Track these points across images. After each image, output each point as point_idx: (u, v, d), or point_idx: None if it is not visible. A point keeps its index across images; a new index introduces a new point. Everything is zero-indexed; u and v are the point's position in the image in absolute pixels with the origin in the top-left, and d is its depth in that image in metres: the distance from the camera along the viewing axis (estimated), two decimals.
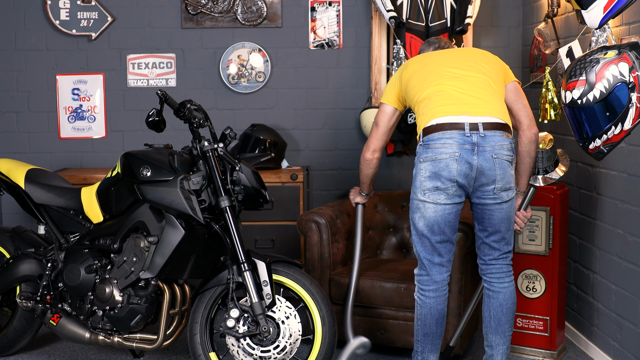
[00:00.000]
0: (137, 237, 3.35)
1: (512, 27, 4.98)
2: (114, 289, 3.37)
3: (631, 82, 2.93)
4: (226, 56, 4.93)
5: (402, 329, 3.77)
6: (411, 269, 3.94)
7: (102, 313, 3.43)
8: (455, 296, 3.68)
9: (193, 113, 3.34)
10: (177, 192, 3.22)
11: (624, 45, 2.99)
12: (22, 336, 3.82)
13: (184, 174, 3.27)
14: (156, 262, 3.28)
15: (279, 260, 3.35)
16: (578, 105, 3.03)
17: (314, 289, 3.33)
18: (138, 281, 3.35)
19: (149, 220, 3.33)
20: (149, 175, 3.31)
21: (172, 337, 3.43)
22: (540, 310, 3.82)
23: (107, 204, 3.50)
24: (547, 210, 3.75)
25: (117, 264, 3.39)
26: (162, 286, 3.37)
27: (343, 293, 3.84)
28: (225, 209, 3.26)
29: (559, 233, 3.77)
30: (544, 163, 3.71)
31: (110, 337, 3.45)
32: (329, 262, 3.91)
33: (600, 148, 3.09)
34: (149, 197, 3.29)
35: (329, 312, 3.33)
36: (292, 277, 3.33)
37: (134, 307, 3.36)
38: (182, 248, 3.28)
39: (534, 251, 3.80)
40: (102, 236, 3.49)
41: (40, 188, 3.69)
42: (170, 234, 3.26)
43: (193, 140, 3.37)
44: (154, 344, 3.39)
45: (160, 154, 3.37)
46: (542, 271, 3.79)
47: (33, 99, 4.95)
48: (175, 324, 3.44)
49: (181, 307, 3.45)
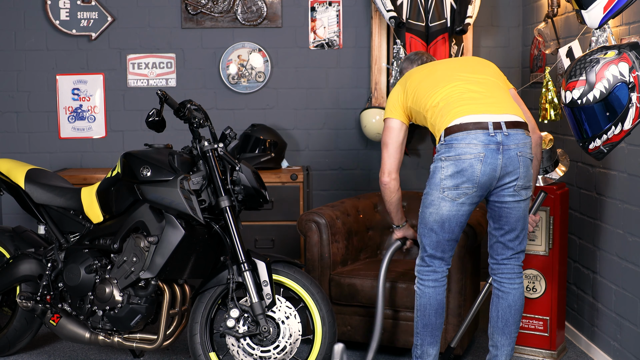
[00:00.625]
0: (137, 237, 3.34)
1: (512, 27, 4.98)
2: (114, 289, 3.37)
3: (631, 82, 2.93)
4: (226, 56, 4.93)
5: (402, 329, 3.77)
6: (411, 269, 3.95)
7: (102, 313, 3.42)
8: (455, 296, 3.68)
9: (193, 113, 3.34)
10: (177, 192, 3.21)
11: (624, 45, 2.99)
12: (22, 336, 3.81)
13: (184, 174, 3.26)
14: (156, 262, 3.27)
15: (279, 260, 3.35)
16: (578, 105, 3.03)
17: (314, 289, 3.33)
18: (138, 281, 3.34)
19: (149, 220, 3.32)
20: (149, 175, 3.30)
21: (172, 337, 3.42)
22: (540, 310, 3.82)
23: (107, 204, 3.50)
24: (547, 211, 3.74)
25: (117, 264, 3.39)
26: (162, 286, 3.37)
27: (344, 293, 3.84)
28: (225, 209, 3.26)
29: (559, 233, 3.77)
30: (544, 163, 3.72)
31: (110, 337, 3.45)
32: (329, 262, 3.91)
33: (600, 148, 3.09)
34: (149, 197, 3.29)
35: (329, 312, 3.34)
36: (292, 277, 3.33)
37: (134, 307, 3.35)
38: (182, 248, 3.28)
39: (534, 251, 3.79)
40: (102, 236, 3.49)
41: (40, 188, 3.69)
42: (170, 234, 3.26)
43: (193, 140, 3.37)
44: (154, 344, 3.39)
45: (160, 154, 3.37)
46: (542, 271, 3.79)
47: (33, 99, 4.95)
48: (175, 324, 3.44)
49: (181, 307, 3.44)
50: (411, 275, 3.60)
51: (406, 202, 4.37)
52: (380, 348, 3.99)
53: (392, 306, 3.77)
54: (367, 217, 4.28)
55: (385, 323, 3.79)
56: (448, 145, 3.07)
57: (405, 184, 5.03)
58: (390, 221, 3.62)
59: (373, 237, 4.31)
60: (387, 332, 3.80)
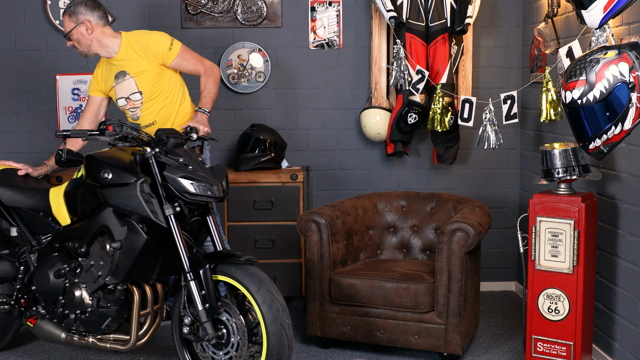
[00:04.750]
0: (102, 241, 3.31)
1: (512, 27, 4.98)
2: (83, 293, 3.36)
3: (631, 82, 2.93)
4: (226, 56, 4.92)
5: (402, 329, 3.77)
6: (411, 269, 3.94)
7: (74, 316, 3.43)
8: (455, 296, 3.68)
9: (125, 132, 3.22)
10: (137, 196, 3.16)
11: (624, 45, 2.99)
12: (3, 335, 3.83)
13: (144, 177, 3.20)
14: (120, 267, 3.23)
15: (232, 258, 3.23)
16: (578, 105, 3.03)
17: (254, 286, 3.16)
18: (106, 285, 3.32)
19: (112, 225, 3.28)
20: (110, 179, 3.24)
21: (145, 337, 3.39)
22: (563, 334, 3.46)
23: (74, 206, 3.47)
24: (572, 223, 3.39)
25: (85, 268, 3.37)
26: (131, 288, 3.33)
27: (344, 293, 3.84)
28: (170, 217, 3.19)
29: (585, 249, 3.41)
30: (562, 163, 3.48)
31: (85, 338, 3.46)
32: (329, 262, 3.91)
33: (600, 148, 3.08)
34: (111, 202, 3.23)
35: (271, 307, 3.15)
36: (234, 276, 3.20)
37: (103, 311, 3.34)
38: (147, 253, 3.23)
39: (557, 269, 3.44)
40: (71, 239, 3.46)
41: (9, 190, 3.64)
42: (133, 240, 3.20)
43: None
44: (127, 345, 3.38)
45: (122, 155, 3.29)
46: (565, 291, 3.44)
47: (33, 99, 4.95)
48: (148, 323, 3.40)
49: (153, 307, 3.39)
50: (411, 275, 3.59)
51: (406, 201, 4.38)
52: (380, 348, 3.99)
53: (392, 306, 3.77)
54: (367, 217, 4.28)
55: (385, 323, 3.80)
56: None
57: (405, 183, 5.03)
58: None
59: (373, 237, 4.31)
60: (387, 332, 3.80)
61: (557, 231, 3.43)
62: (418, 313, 3.75)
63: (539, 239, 3.46)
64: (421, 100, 4.68)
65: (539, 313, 3.52)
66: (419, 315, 3.75)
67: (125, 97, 3.94)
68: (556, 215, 3.42)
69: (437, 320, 3.73)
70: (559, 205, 3.41)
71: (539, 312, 3.52)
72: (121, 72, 3.91)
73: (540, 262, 3.49)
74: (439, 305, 3.72)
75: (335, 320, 3.90)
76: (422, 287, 3.72)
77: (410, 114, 4.65)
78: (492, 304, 4.81)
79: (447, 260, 3.70)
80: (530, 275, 3.51)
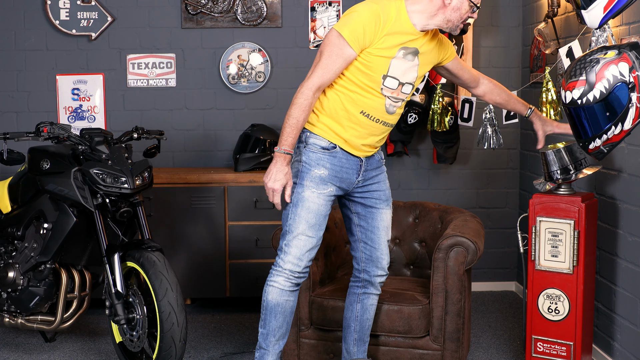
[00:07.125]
0: (37, 225, 3.61)
1: (512, 27, 4.98)
2: (15, 273, 3.65)
3: (631, 82, 2.93)
4: (226, 56, 4.93)
5: (393, 356, 3.51)
6: (399, 288, 3.88)
7: (5, 295, 3.70)
8: (453, 319, 3.43)
9: (57, 132, 3.49)
10: (70, 183, 3.45)
11: (624, 45, 2.99)
12: None
13: (78, 167, 3.48)
14: (50, 246, 3.52)
15: (141, 245, 3.46)
16: (578, 105, 3.03)
17: (150, 267, 3.37)
18: (38, 265, 3.58)
19: (47, 209, 3.58)
20: (47, 167, 3.55)
21: (71, 320, 3.65)
22: (563, 334, 3.44)
23: (16, 195, 3.79)
24: (572, 224, 3.38)
25: (20, 250, 3.67)
26: (60, 270, 3.60)
27: (327, 317, 3.51)
28: (95, 209, 3.47)
29: (585, 249, 3.39)
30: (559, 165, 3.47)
31: (15, 318, 3.71)
32: (309, 282, 3.53)
33: (600, 148, 3.08)
34: (47, 188, 3.53)
35: (160, 287, 3.33)
36: (137, 261, 3.42)
37: (32, 290, 3.61)
38: (76, 234, 3.52)
39: (557, 269, 3.43)
40: (10, 225, 3.77)
41: None
42: (63, 220, 3.51)
43: None
44: (51, 325, 3.64)
45: (61, 149, 3.59)
46: (565, 291, 3.43)
47: (33, 99, 4.95)
48: (74, 307, 3.65)
49: (80, 293, 3.66)
50: (401, 295, 3.43)
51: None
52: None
53: (382, 331, 3.47)
54: (345, 229, 3.72)
55: (374, 350, 3.52)
56: None
57: (405, 183, 5.03)
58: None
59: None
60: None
61: (557, 231, 3.42)
62: (411, 338, 3.45)
63: (539, 239, 3.46)
64: (421, 100, 4.68)
65: (539, 313, 3.50)
66: (412, 340, 3.45)
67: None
68: (556, 215, 3.41)
69: (433, 345, 3.43)
70: (559, 205, 3.40)
71: (539, 312, 3.50)
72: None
73: (540, 262, 3.47)
74: (435, 329, 3.42)
75: (316, 347, 3.56)
76: (416, 309, 3.40)
77: (410, 114, 4.65)
78: (492, 304, 4.81)
79: (443, 279, 3.40)
80: (530, 275, 3.50)
